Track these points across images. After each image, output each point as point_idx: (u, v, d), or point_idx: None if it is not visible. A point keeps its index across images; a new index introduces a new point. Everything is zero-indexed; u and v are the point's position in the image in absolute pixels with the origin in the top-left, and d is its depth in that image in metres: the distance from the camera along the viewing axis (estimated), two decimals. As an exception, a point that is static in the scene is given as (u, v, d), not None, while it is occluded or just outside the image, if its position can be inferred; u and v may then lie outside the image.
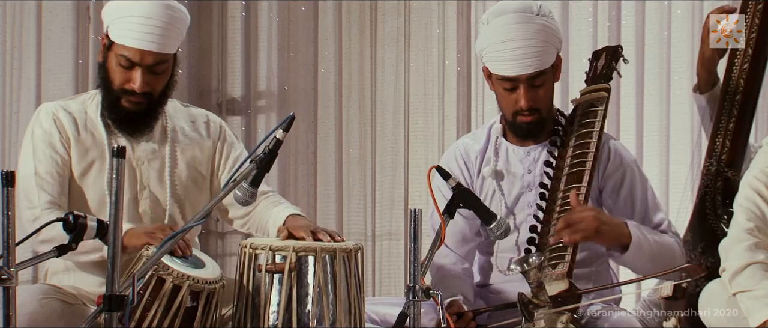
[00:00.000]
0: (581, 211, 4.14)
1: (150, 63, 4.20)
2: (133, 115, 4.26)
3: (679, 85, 5.80)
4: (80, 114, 4.30)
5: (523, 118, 4.36)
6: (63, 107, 4.30)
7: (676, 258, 4.24)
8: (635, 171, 4.41)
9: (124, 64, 4.20)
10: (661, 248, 4.24)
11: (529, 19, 4.30)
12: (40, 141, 4.25)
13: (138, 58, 4.18)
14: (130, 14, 4.17)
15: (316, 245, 3.90)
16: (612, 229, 4.17)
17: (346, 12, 6.20)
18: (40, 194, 4.17)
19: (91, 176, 4.26)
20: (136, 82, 4.19)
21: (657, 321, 4.36)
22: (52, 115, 4.27)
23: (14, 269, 3.45)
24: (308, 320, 3.84)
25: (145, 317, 3.85)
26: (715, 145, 4.63)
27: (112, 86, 4.23)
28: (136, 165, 4.31)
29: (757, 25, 4.62)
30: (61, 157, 4.24)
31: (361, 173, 6.20)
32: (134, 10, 4.17)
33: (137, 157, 4.31)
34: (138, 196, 4.30)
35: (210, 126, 4.46)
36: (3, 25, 5.72)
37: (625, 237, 4.18)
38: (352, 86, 6.20)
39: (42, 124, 4.27)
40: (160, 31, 4.17)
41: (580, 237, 4.11)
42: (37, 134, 4.26)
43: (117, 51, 4.20)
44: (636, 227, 4.21)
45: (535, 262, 3.86)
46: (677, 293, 4.24)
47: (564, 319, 3.91)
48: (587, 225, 4.12)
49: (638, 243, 4.18)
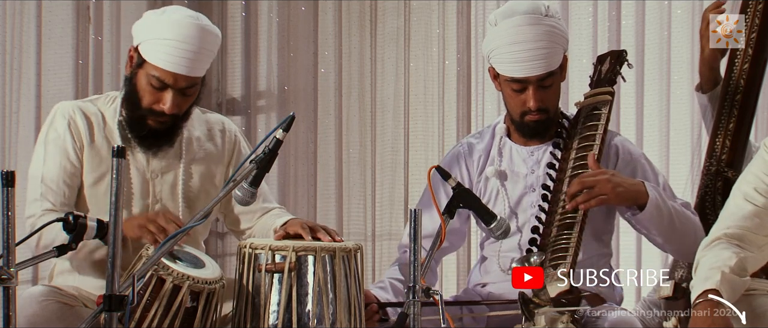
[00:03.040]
0: (595, 173, 4.14)
1: (182, 86, 4.16)
2: (156, 133, 4.22)
3: (679, 85, 5.80)
4: (97, 118, 4.26)
5: (531, 117, 4.37)
6: (81, 109, 4.25)
7: (696, 231, 4.23)
8: (646, 164, 4.42)
9: (156, 85, 4.15)
10: (680, 216, 4.24)
11: (538, 20, 4.31)
12: (52, 145, 4.21)
13: (171, 81, 4.14)
14: (166, 37, 4.12)
15: (315, 245, 3.90)
16: (628, 189, 4.17)
17: (346, 12, 6.20)
18: (42, 202, 4.15)
19: (103, 186, 4.23)
20: (166, 104, 4.15)
21: (657, 321, 4.36)
22: (68, 118, 4.22)
23: (14, 269, 3.45)
24: (308, 319, 3.84)
25: (145, 317, 3.85)
26: (715, 145, 4.63)
27: (140, 104, 4.19)
28: (149, 178, 4.27)
29: (757, 25, 4.62)
30: (71, 164, 4.20)
31: (361, 173, 6.20)
32: (171, 32, 4.12)
33: (152, 169, 4.28)
34: (149, 209, 4.27)
35: (225, 135, 4.42)
36: (3, 25, 5.72)
37: (642, 195, 4.19)
38: (352, 86, 6.20)
39: (56, 127, 4.22)
40: (194, 56, 4.13)
41: (596, 202, 4.12)
42: (51, 137, 4.22)
43: (148, 70, 4.16)
44: (654, 188, 4.21)
45: (536, 262, 3.86)
46: (677, 293, 4.24)
47: (564, 319, 3.91)
48: (603, 187, 4.12)
49: (656, 203, 4.18)
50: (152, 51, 4.14)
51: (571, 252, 4.14)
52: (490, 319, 4.38)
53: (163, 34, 4.13)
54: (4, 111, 5.72)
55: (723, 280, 3.72)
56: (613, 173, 4.19)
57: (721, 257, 3.77)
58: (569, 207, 4.15)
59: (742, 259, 3.79)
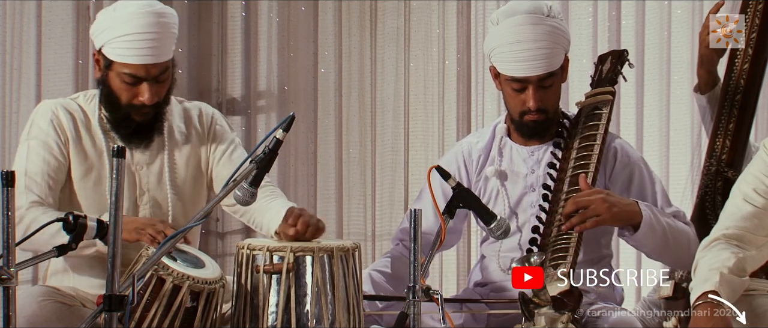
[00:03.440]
0: (590, 193, 4.14)
1: (155, 74, 4.19)
2: (143, 126, 4.25)
3: (679, 85, 5.80)
4: (80, 114, 4.29)
5: (530, 117, 4.37)
6: (63, 106, 4.27)
7: (690, 244, 4.23)
8: (643, 169, 4.42)
9: (129, 81, 4.18)
10: (674, 231, 4.24)
11: (540, 20, 4.31)
12: (34, 140, 4.23)
13: (143, 73, 4.18)
14: (124, 33, 4.15)
15: (313, 245, 3.90)
16: (622, 209, 4.17)
17: (346, 12, 6.20)
18: (27, 194, 4.14)
19: (91, 181, 4.24)
20: (144, 96, 4.19)
21: (657, 321, 4.36)
22: (51, 114, 4.25)
23: (14, 269, 3.45)
24: (307, 320, 3.84)
25: (145, 317, 3.85)
26: (715, 145, 4.63)
27: (119, 103, 4.22)
28: (135, 170, 4.29)
29: (757, 25, 4.62)
30: (54, 159, 4.22)
31: (361, 173, 6.19)
32: (127, 27, 4.15)
33: (136, 161, 4.30)
34: (137, 201, 4.29)
35: (202, 119, 4.44)
36: (3, 25, 5.72)
37: (636, 216, 4.18)
38: (352, 86, 6.20)
39: (39, 123, 4.25)
40: (157, 43, 4.16)
41: (591, 224, 4.12)
42: (33, 133, 4.24)
43: (118, 69, 4.18)
44: (648, 207, 4.21)
45: (537, 262, 3.86)
46: (677, 293, 4.24)
47: (564, 318, 3.91)
48: (597, 208, 4.12)
49: (650, 223, 4.17)
50: (116, 50, 4.17)
51: (571, 252, 4.14)
52: (490, 318, 4.38)
53: (122, 31, 4.15)
54: (4, 111, 5.72)
55: (722, 281, 3.72)
56: (608, 193, 4.18)
57: (719, 258, 3.77)
58: (564, 228, 4.15)
59: (740, 259, 3.79)
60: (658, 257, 4.32)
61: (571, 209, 4.14)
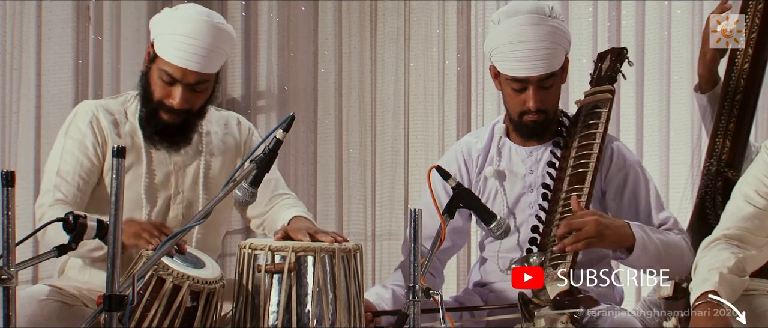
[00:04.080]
0: (582, 215, 4.13)
1: (191, 82, 4.21)
2: (169, 127, 4.27)
3: (679, 85, 5.80)
4: (121, 116, 4.32)
5: (530, 117, 4.37)
6: (104, 107, 4.31)
7: (683, 256, 4.24)
8: (639, 172, 4.41)
9: (166, 79, 4.21)
10: (666, 246, 4.24)
11: (542, 20, 4.31)
12: (71, 140, 4.26)
13: (179, 76, 4.20)
14: (177, 32, 4.17)
15: (315, 245, 3.90)
16: (615, 232, 4.16)
17: (346, 12, 6.20)
18: (54, 192, 4.18)
19: (128, 179, 4.26)
20: (175, 99, 4.21)
21: (657, 321, 4.36)
22: (91, 116, 4.28)
23: (14, 269, 3.45)
24: (308, 320, 3.84)
25: (145, 317, 3.86)
26: (715, 145, 4.63)
27: (152, 97, 4.25)
28: (172, 170, 4.32)
29: (757, 25, 4.62)
30: (89, 160, 4.25)
31: (361, 173, 6.20)
32: (182, 28, 4.18)
33: (174, 162, 4.33)
34: (171, 201, 4.32)
35: (241, 128, 4.49)
36: (3, 25, 5.72)
37: (628, 238, 4.18)
38: (352, 86, 6.20)
39: (78, 123, 4.28)
40: (204, 53, 4.17)
41: (583, 245, 4.11)
42: (71, 133, 4.27)
43: (160, 65, 4.21)
44: (639, 227, 4.20)
45: (536, 262, 3.86)
46: (677, 293, 4.24)
47: (564, 319, 3.91)
48: (589, 230, 4.11)
49: (642, 244, 4.17)
50: (163, 46, 4.20)
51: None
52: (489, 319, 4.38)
53: (174, 30, 4.19)
54: (4, 111, 5.72)
55: (721, 281, 3.72)
56: (601, 215, 4.17)
57: (719, 258, 3.77)
58: (557, 249, 4.14)
59: (740, 259, 3.79)
60: (652, 270, 4.31)
61: (564, 232, 4.12)
